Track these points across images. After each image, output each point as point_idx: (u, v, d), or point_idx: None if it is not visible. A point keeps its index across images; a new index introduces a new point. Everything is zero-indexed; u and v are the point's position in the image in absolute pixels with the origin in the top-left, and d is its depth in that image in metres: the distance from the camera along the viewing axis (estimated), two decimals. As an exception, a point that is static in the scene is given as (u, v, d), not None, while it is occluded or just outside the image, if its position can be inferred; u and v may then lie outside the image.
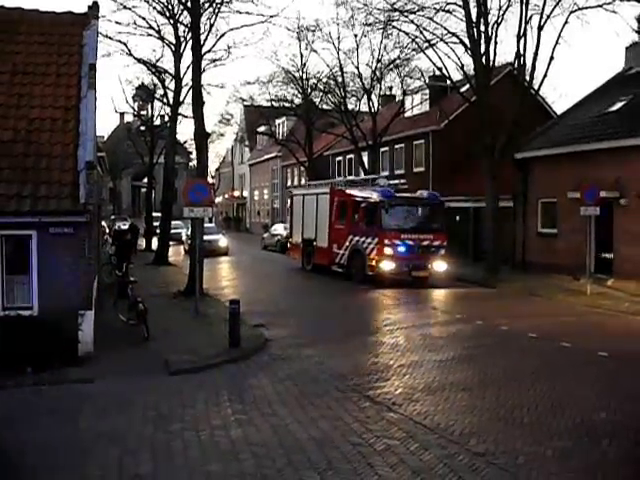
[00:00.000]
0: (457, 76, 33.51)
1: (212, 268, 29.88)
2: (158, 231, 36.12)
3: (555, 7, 26.91)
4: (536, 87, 29.88)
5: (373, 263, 24.47)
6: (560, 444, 8.37)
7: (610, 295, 21.28)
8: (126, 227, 30.80)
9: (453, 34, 28.63)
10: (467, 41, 27.92)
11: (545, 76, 27.96)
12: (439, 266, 24.82)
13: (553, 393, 10.73)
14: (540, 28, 27.10)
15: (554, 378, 11.68)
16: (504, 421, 9.32)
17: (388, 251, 24.09)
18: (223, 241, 40.90)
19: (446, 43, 29.28)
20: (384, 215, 24.28)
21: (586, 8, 27.39)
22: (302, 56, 42.84)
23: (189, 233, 34.32)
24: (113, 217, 61.97)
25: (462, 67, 29.93)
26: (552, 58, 27.16)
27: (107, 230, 41.10)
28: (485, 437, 8.63)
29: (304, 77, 43.45)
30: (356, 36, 36.61)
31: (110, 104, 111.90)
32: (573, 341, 14.48)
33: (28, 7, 16.83)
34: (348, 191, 27.80)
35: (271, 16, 28.74)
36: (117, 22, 37.93)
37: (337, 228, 27.51)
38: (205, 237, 36.97)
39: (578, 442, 8.44)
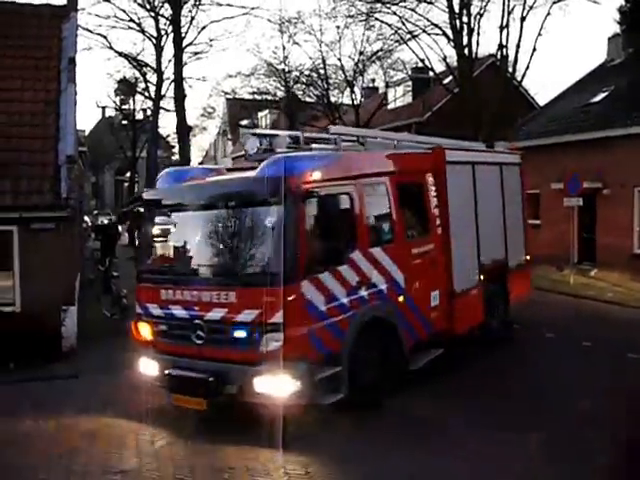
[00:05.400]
0: (440, 68, 33.53)
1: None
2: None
3: (537, -2, 27.00)
4: (519, 78, 29.98)
5: None
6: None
7: (593, 285, 21.37)
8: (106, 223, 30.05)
9: (435, 25, 28.69)
10: (450, 32, 27.95)
11: (528, 67, 28.12)
12: (267, 385, 8.14)
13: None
14: (522, 19, 27.16)
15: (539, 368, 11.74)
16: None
17: (144, 332, 9.62)
18: None
19: (429, 34, 29.38)
20: (145, 239, 10.80)
21: (568, -2, 27.57)
22: (284, 48, 42.53)
23: None
24: (96, 212, 61.52)
25: (445, 59, 30.02)
26: (535, 49, 27.26)
27: (90, 225, 40.77)
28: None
29: (286, 70, 43.19)
30: (338, 28, 36.47)
31: (91, 98, 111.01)
32: (557, 332, 14.54)
33: (5, -1, 16.69)
34: None
35: (252, 8, 28.98)
36: (97, 15, 37.71)
37: None
38: None
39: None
